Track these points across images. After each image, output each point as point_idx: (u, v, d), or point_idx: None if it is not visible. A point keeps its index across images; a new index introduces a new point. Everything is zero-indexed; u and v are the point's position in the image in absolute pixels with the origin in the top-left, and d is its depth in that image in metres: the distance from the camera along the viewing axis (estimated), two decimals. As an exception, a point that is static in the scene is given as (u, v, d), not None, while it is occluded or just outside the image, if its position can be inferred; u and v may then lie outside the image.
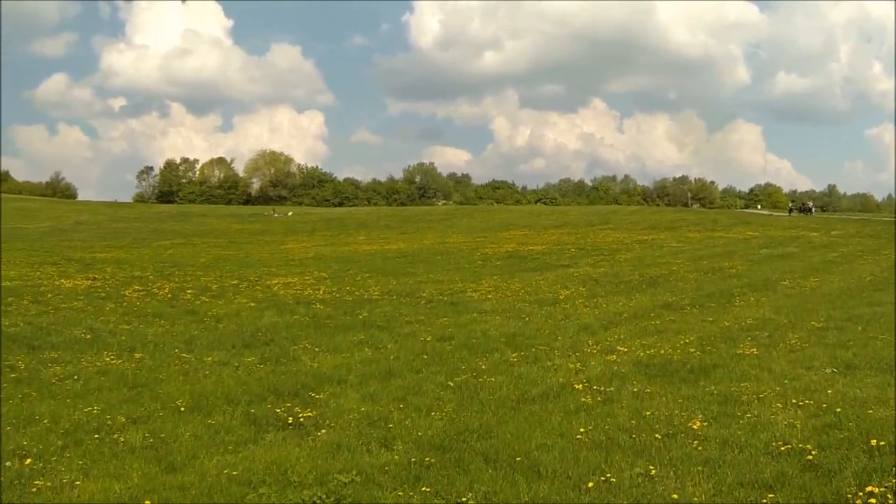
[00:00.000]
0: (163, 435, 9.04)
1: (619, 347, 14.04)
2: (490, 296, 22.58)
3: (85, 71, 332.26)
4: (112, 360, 13.68)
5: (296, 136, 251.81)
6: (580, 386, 11.04)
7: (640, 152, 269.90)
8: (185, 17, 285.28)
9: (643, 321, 17.42)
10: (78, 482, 7.50)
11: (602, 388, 10.87)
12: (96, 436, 9.02)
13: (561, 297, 21.94)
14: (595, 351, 13.89)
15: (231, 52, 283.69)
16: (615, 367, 12.29)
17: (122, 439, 8.90)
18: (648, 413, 9.37)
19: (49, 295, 22.71)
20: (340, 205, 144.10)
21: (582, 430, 8.72)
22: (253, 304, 21.24)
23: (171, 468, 7.95)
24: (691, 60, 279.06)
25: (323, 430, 9.19)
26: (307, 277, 28.91)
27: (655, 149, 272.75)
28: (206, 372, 12.70)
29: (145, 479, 7.59)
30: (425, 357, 13.82)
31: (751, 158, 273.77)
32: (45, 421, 9.64)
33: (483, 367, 12.80)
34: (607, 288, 24.16)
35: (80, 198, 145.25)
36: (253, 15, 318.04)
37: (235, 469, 7.72)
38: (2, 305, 19.73)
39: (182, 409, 10.25)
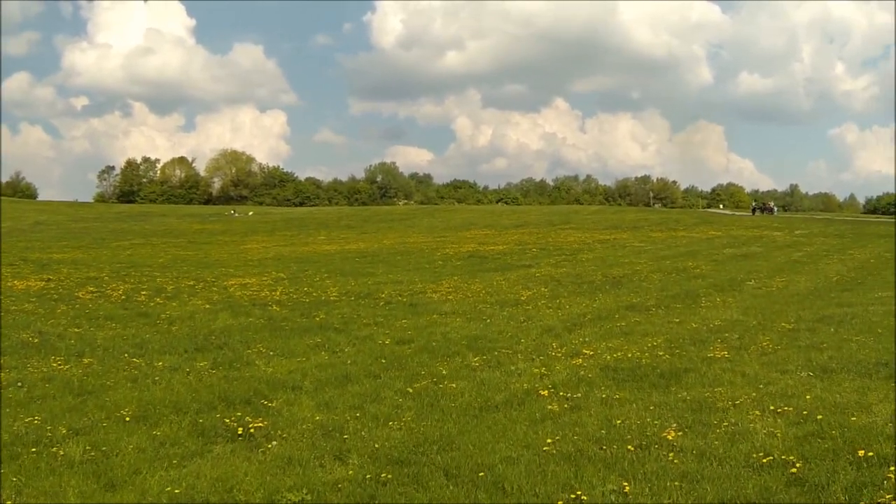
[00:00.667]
0: (105, 448, 8.41)
1: (584, 350, 13.63)
2: (450, 297, 22.17)
3: (47, 70, 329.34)
4: (59, 365, 12.95)
5: (258, 135, 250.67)
6: (546, 392, 10.63)
7: (603, 152, 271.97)
8: (147, 16, 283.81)
9: (608, 323, 17.09)
10: (9, 502, 6.89)
11: (569, 395, 10.45)
12: (34, 449, 8.36)
13: (523, 299, 21.58)
14: (560, 354, 13.51)
15: (194, 52, 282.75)
16: (581, 372, 11.88)
17: (62, 453, 8.26)
18: (619, 422, 8.98)
19: (0, 297, 21.83)
20: (301, 205, 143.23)
21: (549, 441, 8.29)
22: (208, 306, 20.56)
23: (111, 485, 7.35)
24: (654, 60, 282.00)
25: (274, 442, 8.64)
26: (265, 278, 28.33)
27: (618, 148, 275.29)
28: (156, 378, 12.05)
29: (82, 498, 7.01)
30: (384, 361, 13.30)
31: (714, 158, 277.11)
32: (-15, 432, 8.99)
33: (444, 371, 12.37)
34: (570, 289, 23.87)
35: (42, 198, 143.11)
36: (216, 14, 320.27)
37: (179, 486, 7.15)
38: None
39: (127, 418, 9.62)
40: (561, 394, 10.49)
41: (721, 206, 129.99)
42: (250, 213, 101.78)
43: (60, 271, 30.92)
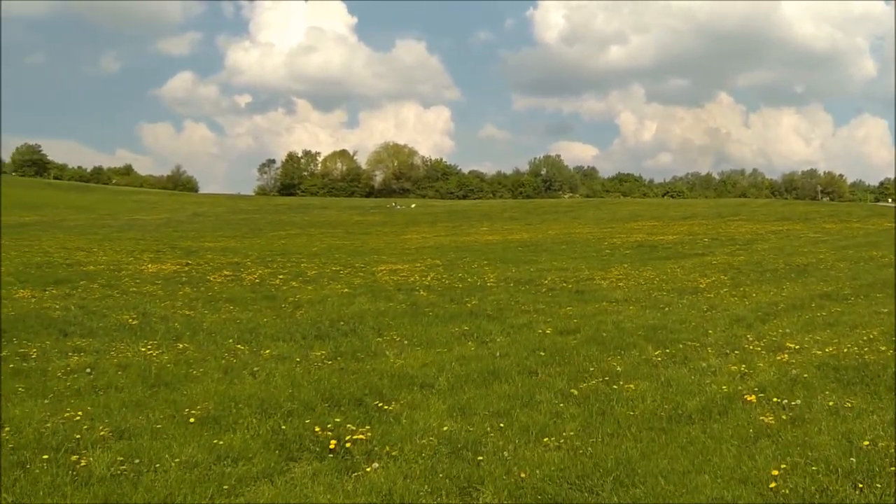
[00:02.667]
0: (142, 459, 6.28)
1: (788, 344, 11.55)
2: (621, 284, 20.11)
3: (210, 69, 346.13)
4: (148, 350, 11.20)
5: (422, 131, 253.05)
6: (752, 397, 8.54)
7: (767, 147, 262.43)
8: (308, 14, 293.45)
9: (805, 312, 14.93)
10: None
11: (784, 401, 8.36)
12: (46, 456, 6.35)
13: (702, 286, 19.38)
14: (759, 348, 11.44)
15: (356, 49, 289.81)
16: (793, 371, 9.78)
17: (83, 463, 6.24)
18: (865, 443, 6.79)
19: (126, 279, 20.95)
20: (465, 197, 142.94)
21: (775, 472, 6.16)
22: (346, 290, 18.65)
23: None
24: (817, 54, 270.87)
25: (376, 464, 6.25)
26: (418, 264, 26.55)
27: (781, 143, 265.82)
28: (255, 369, 9.96)
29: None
30: (542, 354, 11.03)
31: (877, 153, 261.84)
32: (6, 429, 7.01)
33: (618, 368, 10.19)
34: (751, 277, 21.53)
35: (203, 191, 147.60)
36: (377, 11, 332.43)
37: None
38: (46, 290, 17.68)
39: (192, 419, 7.52)
40: (774, 400, 8.44)
41: (889, 201, 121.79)
42: (412, 206, 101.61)
43: (204, 257, 30.20)
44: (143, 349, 11.18)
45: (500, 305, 16.19)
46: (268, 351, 11.11)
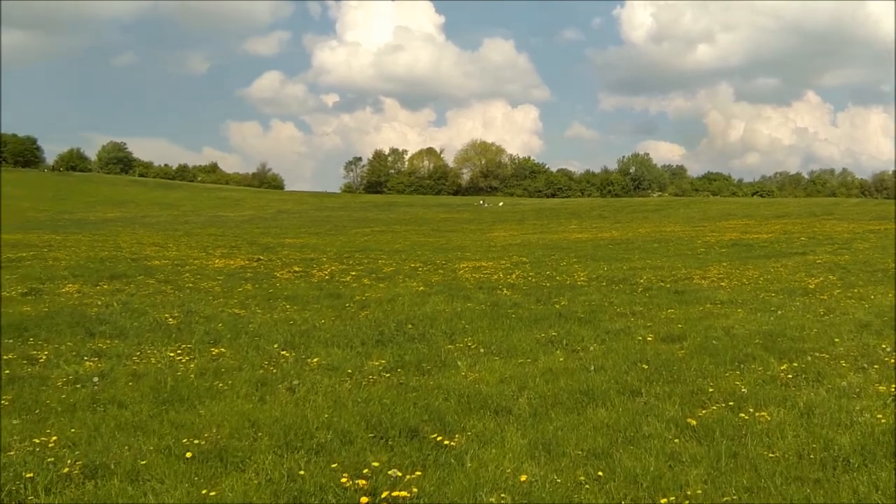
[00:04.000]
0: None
1: None
2: (723, 283, 18.29)
3: (298, 68, 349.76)
4: (177, 355, 9.64)
5: (510, 130, 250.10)
6: None
7: (855, 147, 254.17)
8: (396, 14, 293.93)
9: None
10: None
11: None
12: None
13: (811, 287, 17.47)
14: None
15: (444, 48, 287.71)
16: None
17: None
18: None
19: (186, 275, 19.88)
20: (553, 196, 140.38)
21: None
22: (422, 289, 16.95)
23: None
24: None
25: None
26: (503, 262, 24.93)
27: (869, 143, 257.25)
28: (294, 382, 8.25)
29: None
30: (645, 367, 9.18)
31: None
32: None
33: (742, 388, 8.26)
34: (862, 277, 19.43)
35: (290, 189, 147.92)
36: (464, 11, 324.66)
37: None
38: (98, 285, 16.27)
39: (191, 452, 5.76)
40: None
41: None
42: (500, 204, 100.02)
43: (279, 253, 29.22)
44: (172, 354, 9.63)
45: (592, 307, 14.31)
46: (316, 359, 9.39)
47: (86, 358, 9.46)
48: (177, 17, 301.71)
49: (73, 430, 6.45)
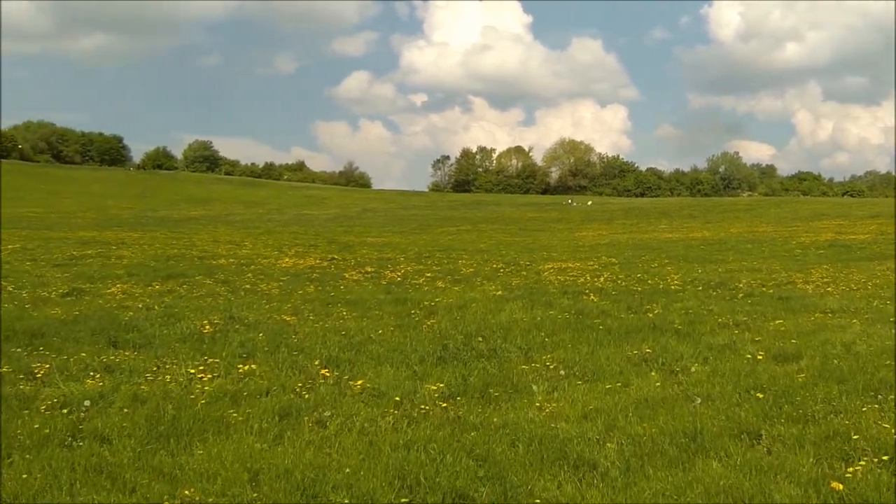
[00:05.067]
0: None
1: None
2: (829, 289, 16.45)
3: (386, 68, 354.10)
4: (198, 372, 8.19)
5: (599, 130, 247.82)
6: None
7: None
8: (483, 14, 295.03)
9: None
10: None
11: None
12: None
13: None
14: None
15: (532, 48, 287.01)
16: None
17: None
18: None
19: (249, 275, 18.63)
20: (642, 195, 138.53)
21: None
22: (499, 293, 15.33)
23: None
24: None
25: None
26: (591, 263, 23.15)
27: None
28: (326, 413, 6.67)
29: None
30: (760, 397, 7.50)
31: None
32: None
33: (892, 431, 6.35)
34: None
35: (377, 188, 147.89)
36: (552, 10, 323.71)
37: None
38: (150, 285, 15.05)
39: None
40: None
41: None
42: (589, 203, 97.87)
43: (357, 252, 28.00)
44: (193, 370, 8.17)
45: (689, 316, 12.51)
46: (360, 382, 7.80)
47: (92, 373, 8.08)
48: (263, 17, 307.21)
49: (28, 475, 5.03)
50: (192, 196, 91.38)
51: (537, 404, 7.18)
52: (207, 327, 10.63)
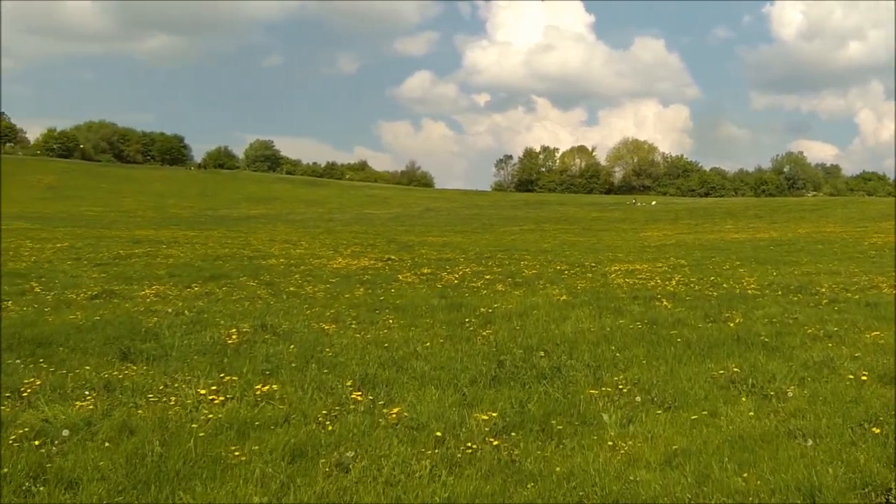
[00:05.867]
0: None
1: None
2: None
3: (448, 68, 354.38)
4: (210, 392, 7.03)
5: (662, 129, 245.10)
6: None
7: None
8: (545, 13, 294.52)
9: None
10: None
11: None
12: None
13: None
14: None
15: (594, 47, 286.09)
16: None
17: None
18: None
19: (297, 276, 17.68)
20: (706, 195, 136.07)
21: None
22: (564, 298, 14.00)
23: None
24: None
25: None
26: (659, 264, 21.82)
27: None
28: (348, 454, 5.38)
29: None
30: (877, 433, 6.14)
31: None
32: None
33: None
34: None
35: (440, 187, 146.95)
36: (614, 9, 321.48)
37: None
38: (189, 287, 14.01)
39: None
40: None
41: None
42: (653, 203, 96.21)
43: (415, 252, 27.12)
44: (204, 391, 6.96)
45: (775, 326, 11.07)
46: (397, 409, 6.51)
47: (87, 392, 6.97)
48: (323, 18, 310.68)
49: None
50: (253, 195, 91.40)
51: (610, 442, 5.86)
52: (234, 337, 9.47)
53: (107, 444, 5.56)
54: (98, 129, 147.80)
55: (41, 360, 8.11)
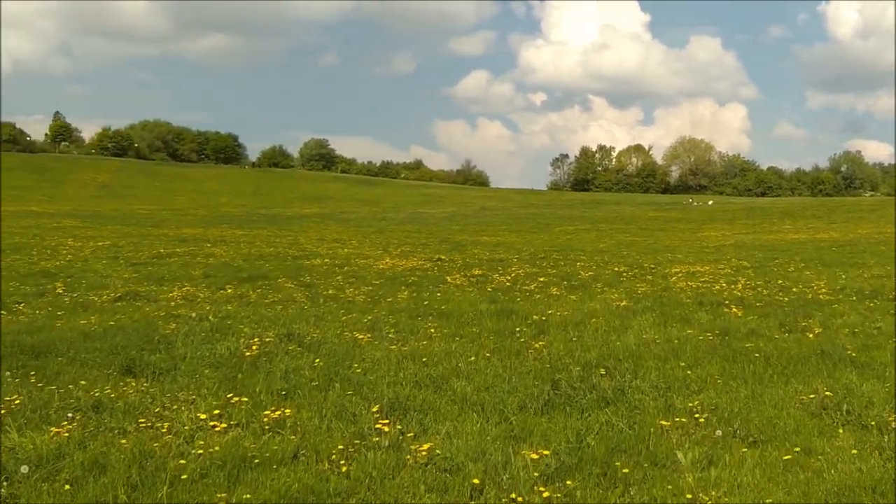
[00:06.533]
0: None
1: None
2: None
3: (504, 67, 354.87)
4: (211, 418, 6.01)
5: (718, 129, 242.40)
6: None
7: None
8: (601, 13, 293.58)
9: None
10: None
11: None
12: None
13: None
14: None
15: (650, 46, 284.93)
16: None
17: None
18: None
19: (339, 277, 16.60)
20: (763, 195, 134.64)
21: None
22: (624, 304, 12.79)
23: None
24: None
25: None
26: (721, 266, 20.47)
27: None
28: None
29: None
30: None
31: None
32: None
33: None
34: None
35: (495, 186, 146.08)
36: (669, 8, 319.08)
37: None
38: (223, 289, 13.07)
39: None
40: None
41: None
42: (710, 202, 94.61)
43: (467, 251, 26.06)
44: (204, 416, 5.92)
45: (859, 338, 9.78)
46: (428, 445, 5.37)
47: (70, 415, 5.97)
48: (379, 18, 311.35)
49: None
50: (307, 194, 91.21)
51: (689, 494, 4.68)
52: (254, 348, 8.42)
53: (67, 486, 4.56)
54: (153, 128, 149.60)
55: (32, 374, 7.15)
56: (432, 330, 10.06)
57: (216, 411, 6.06)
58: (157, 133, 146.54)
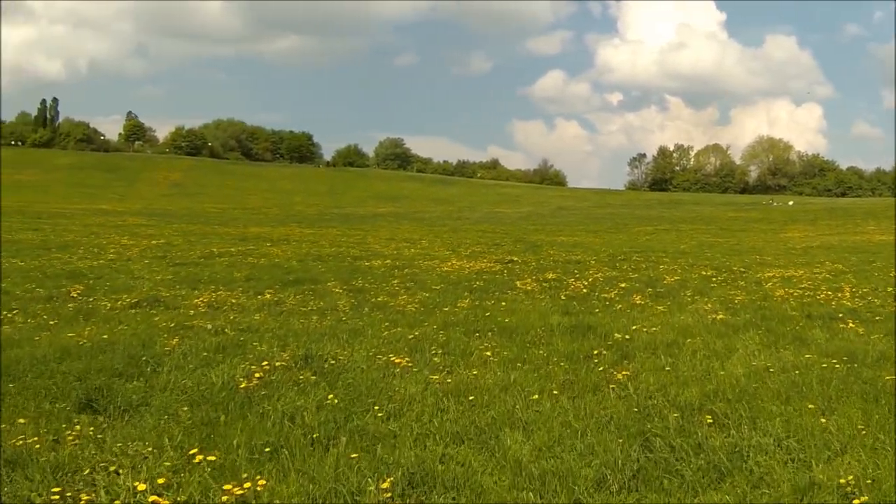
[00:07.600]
0: None
1: None
2: None
3: (580, 67, 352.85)
4: (154, 489, 4.01)
5: (794, 129, 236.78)
6: None
7: None
8: (676, 12, 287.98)
9: None
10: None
11: None
12: None
13: None
14: None
15: (726, 45, 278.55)
16: None
17: None
18: None
19: (396, 281, 15.13)
20: (843, 195, 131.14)
21: None
22: (721, 317, 10.75)
23: None
24: None
25: None
26: (816, 270, 18.49)
27: None
28: None
29: None
30: None
31: None
32: None
33: None
34: None
35: (572, 186, 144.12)
36: (745, 7, 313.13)
37: None
38: (262, 294, 11.41)
39: None
40: None
41: None
42: (790, 203, 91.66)
43: (542, 252, 24.45)
44: (142, 487, 4.11)
45: None
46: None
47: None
48: (456, 18, 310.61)
49: None
50: (381, 193, 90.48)
51: None
52: (256, 375, 6.58)
53: None
54: (227, 127, 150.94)
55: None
56: (489, 353, 8.07)
57: (162, 479, 4.24)
58: (230, 132, 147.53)
